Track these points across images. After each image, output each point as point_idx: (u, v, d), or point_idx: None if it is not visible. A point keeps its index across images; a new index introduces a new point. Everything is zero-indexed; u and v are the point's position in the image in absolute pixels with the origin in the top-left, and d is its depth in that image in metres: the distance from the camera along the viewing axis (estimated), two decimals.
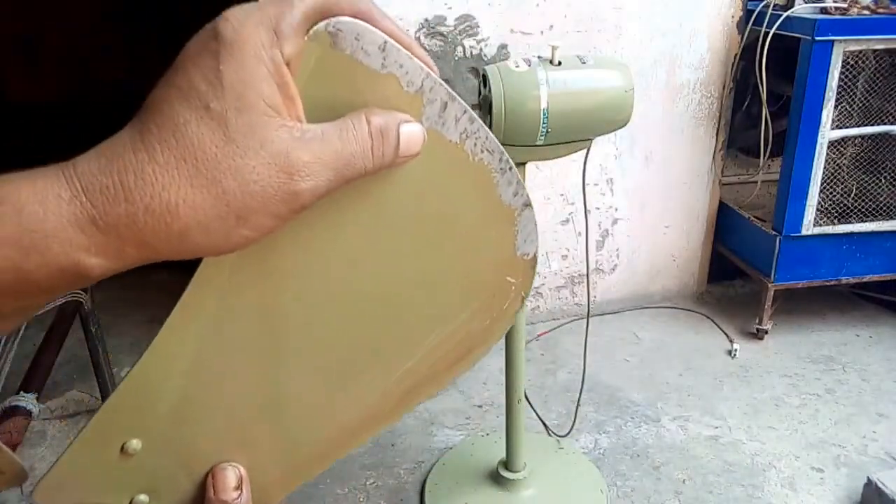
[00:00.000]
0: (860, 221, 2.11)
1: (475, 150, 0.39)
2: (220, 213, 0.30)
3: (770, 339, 2.23)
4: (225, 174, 0.30)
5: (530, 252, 0.44)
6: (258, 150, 0.30)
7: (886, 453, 1.74)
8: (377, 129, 0.34)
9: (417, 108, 0.37)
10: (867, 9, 1.92)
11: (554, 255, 2.31)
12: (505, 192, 0.41)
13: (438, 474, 1.69)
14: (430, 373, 0.46)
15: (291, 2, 0.32)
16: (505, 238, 0.43)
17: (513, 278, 0.45)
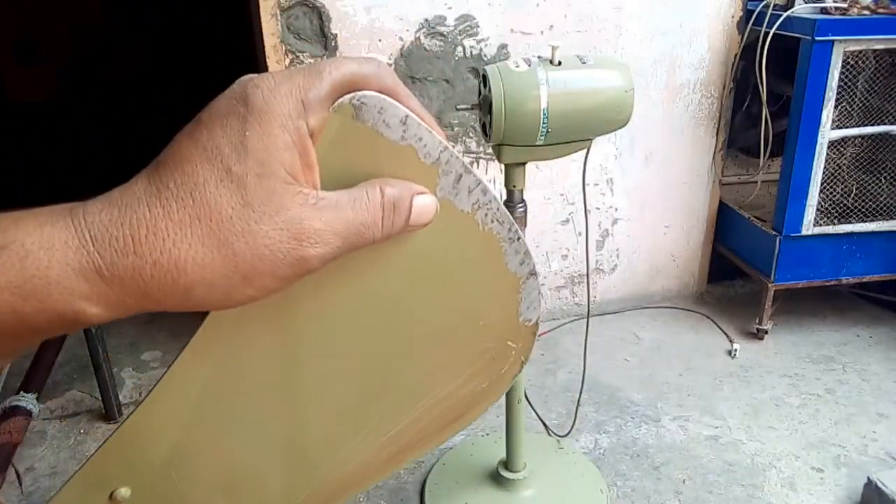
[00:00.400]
0: (860, 221, 2.11)
1: (485, 220, 0.41)
2: (228, 272, 0.31)
3: (770, 339, 2.23)
4: (237, 237, 0.30)
5: (532, 318, 0.45)
6: (273, 215, 0.31)
7: (886, 453, 1.74)
8: (390, 201, 0.35)
9: (433, 178, 0.38)
10: (867, 9, 1.92)
11: (554, 255, 2.31)
12: (512, 260, 0.42)
13: (438, 474, 1.69)
14: (424, 432, 0.47)
15: (321, 74, 0.33)
16: (509, 305, 0.44)
17: (514, 343, 0.46)
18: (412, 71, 1.95)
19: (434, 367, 0.45)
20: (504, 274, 0.43)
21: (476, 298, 0.44)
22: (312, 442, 0.45)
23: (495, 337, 0.45)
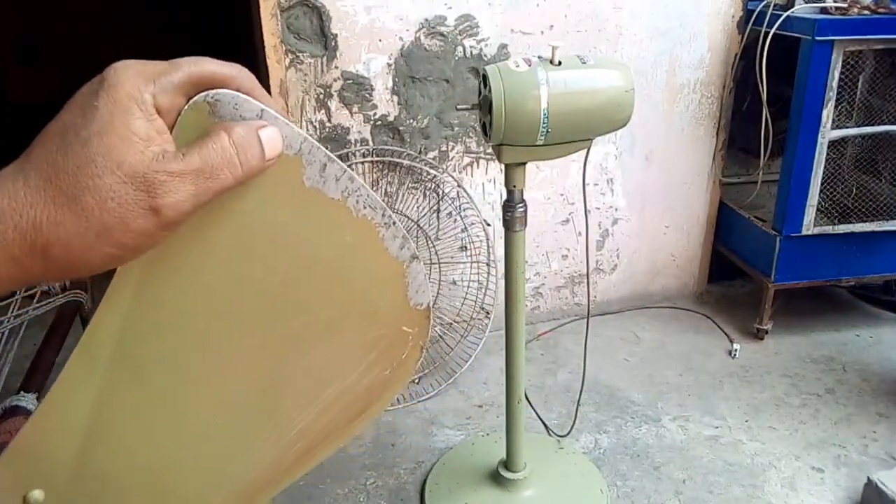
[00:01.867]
0: (860, 221, 2.11)
1: (358, 207, 0.41)
2: (80, 229, 0.32)
3: (770, 339, 2.23)
4: (84, 192, 0.32)
5: (423, 303, 0.46)
6: (115, 169, 0.33)
7: (886, 453, 1.74)
8: (238, 138, 0.36)
9: (298, 169, 0.39)
10: (867, 9, 1.92)
11: (554, 254, 2.31)
12: (391, 245, 0.43)
13: (438, 474, 1.69)
14: (332, 426, 0.46)
15: (177, 65, 0.36)
16: (396, 290, 0.45)
17: (409, 328, 0.46)
18: (412, 71, 1.95)
19: (329, 357, 0.45)
20: (385, 259, 0.43)
21: (361, 286, 0.44)
22: (216, 442, 0.44)
23: (388, 323, 0.45)
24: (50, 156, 0.33)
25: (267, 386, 0.44)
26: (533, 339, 2.26)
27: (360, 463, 1.75)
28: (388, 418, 1.90)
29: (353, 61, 1.90)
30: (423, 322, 0.46)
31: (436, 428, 1.87)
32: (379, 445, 1.81)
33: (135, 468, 0.43)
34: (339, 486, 1.67)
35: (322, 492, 1.66)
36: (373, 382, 0.46)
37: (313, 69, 1.89)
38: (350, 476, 1.70)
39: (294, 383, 0.45)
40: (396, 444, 1.81)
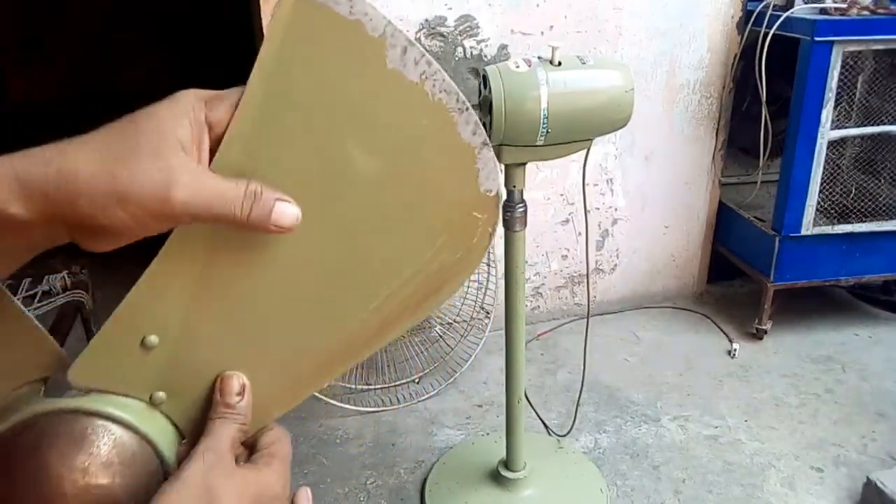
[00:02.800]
0: (859, 221, 2.11)
1: (434, 91, 0.44)
2: (107, 191, 0.39)
3: (769, 338, 2.23)
4: (122, 165, 0.39)
5: (493, 189, 0.48)
6: (154, 158, 0.39)
7: (886, 453, 1.75)
8: (251, 191, 0.42)
9: (381, 50, 0.42)
10: (866, 9, 1.92)
11: (554, 254, 2.31)
12: (464, 130, 0.45)
13: (439, 474, 1.69)
14: (405, 305, 0.50)
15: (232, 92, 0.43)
16: (467, 175, 0.47)
17: (479, 213, 0.48)
18: None
19: (404, 239, 0.48)
20: (458, 144, 0.46)
21: (434, 170, 0.47)
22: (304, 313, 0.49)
23: (458, 208, 0.48)
24: (111, 133, 0.40)
25: (348, 264, 0.48)
26: (533, 339, 2.26)
27: (361, 462, 1.75)
28: (389, 418, 1.90)
29: None
30: (493, 208, 0.48)
31: (436, 427, 1.87)
32: (379, 445, 1.81)
33: (232, 329, 0.48)
34: (340, 485, 1.68)
35: (323, 491, 1.66)
36: (444, 264, 0.49)
37: None
38: (350, 475, 1.70)
39: (372, 262, 0.48)
40: (397, 443, 1.82)
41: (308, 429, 1.86)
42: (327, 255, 0.47)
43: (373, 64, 0.42)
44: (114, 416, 0.47)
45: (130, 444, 0.47)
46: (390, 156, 0.45)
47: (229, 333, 0.48)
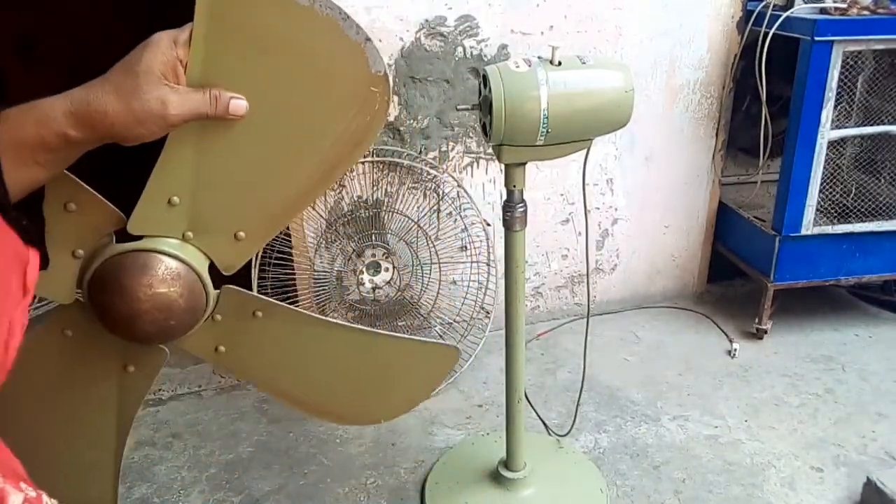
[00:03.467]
0: (859, 221, 2.11)
1: (322, 9, 0.67)
2: (129, 119, 0.65)
3: (769, 338, 2.23)
4: (134, 100, 0.65)
5: (381, 70, 0.71)
6: (152, 91, 0.66)
7: (886, 453, 1.75)
8: (213, 96, 0.69)
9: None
10: (867, 9, 1.92)
11: (554, 254, 2.31)
12: (350, 32, 0.69)
13: (439, 473, 1.69)
14: (340, 155, 0.76)
15: (185, 28, 0.69)
16: (359, 62, 0.70)
17: (375, 88, 0.72)
18: (412, 71, 1.95)
19: (326, 112, 0.73)
20: (348, 43, 0.69)
21: (337, 63, 0.70)
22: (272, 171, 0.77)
23: (361, 85, 0.71)
24: (119, 79, 0.65)
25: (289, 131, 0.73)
26: (533, 339, 2.26)
27: (361, 462, 1.75)
28: None
29: None
30: (385, 83, 0.72)
31: (436, 427, 1.87)
32: (379, 445, 1.81)
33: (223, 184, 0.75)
34: (340, 485, 1.68)
35: (322, 491, 1.66)
36: (360, 125, 0.74)
37: None
38: (350, 475, 1.70)
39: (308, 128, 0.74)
40: (397, 443, 1.82)
41: (308, 429, 1.86)
42: (273, 127, 0.72)
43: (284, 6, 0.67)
44: (160, 250, 0.76)
45: (175, 266, 0.76)
46: (304, 57, 0.69)
47: (222, 187, 0.75)
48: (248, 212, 0.78)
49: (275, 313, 0.91)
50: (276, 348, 0.94)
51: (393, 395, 1.09)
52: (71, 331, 0.85)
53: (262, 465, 1.74)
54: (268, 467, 1.74)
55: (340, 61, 0.69)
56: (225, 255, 0.80)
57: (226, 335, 0.90)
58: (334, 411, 1.10)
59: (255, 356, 0.94)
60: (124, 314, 0.76)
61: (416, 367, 1.07)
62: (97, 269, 0.75)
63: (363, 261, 1.97)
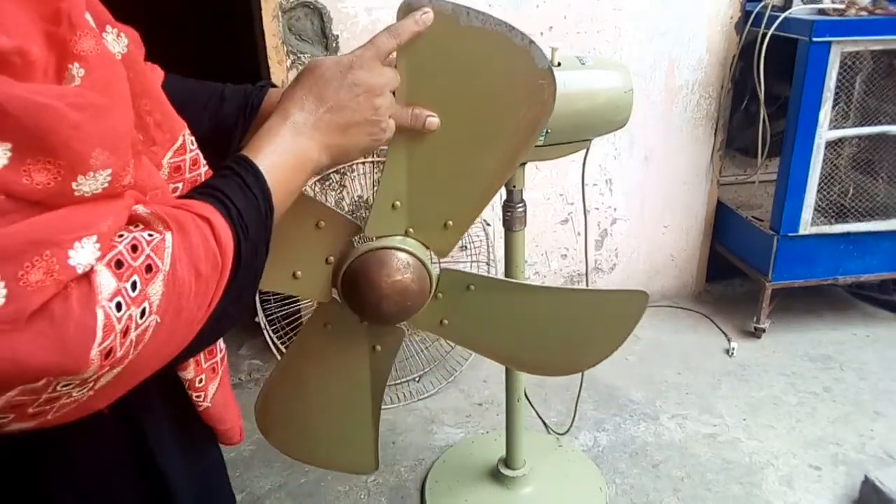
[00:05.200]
0: (857, 221, 2.12)
1: (492, 27, 0.78)
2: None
3: (768, 337, 2.24)
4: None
5: (546, 65, 0.82)
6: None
7: (884, 451, 1.75)
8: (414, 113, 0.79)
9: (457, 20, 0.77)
10: (865, 10, 1.93)
11: (553, 254, 2.32)
12: (516, 40, 0.79)
13: (439, 472, 1.70)
14: (519, 142, 0.88)
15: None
16: (527, 62, 0.81)
17: (542, 80, 0.82)
18: None
19: (507, 105, 0.84)
20: (516, 48, 0.80)
21: (510, 65, 0.81)
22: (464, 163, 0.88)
23: (531, 80, 0.82)
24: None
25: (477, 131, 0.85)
26: None
27: None
28: (389, 416, 1.91)
29: None
30: (550, 75, 0.82)
31: (436, 426, 1.88)
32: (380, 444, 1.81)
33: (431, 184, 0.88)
34: (340, 483, 1.68)
35: (323, 490, 1.67)
36: (534, 114, 0.85)
37: None
38: (351, 474, 1.71)
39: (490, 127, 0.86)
40: (397, 442, 1.82)
41: None
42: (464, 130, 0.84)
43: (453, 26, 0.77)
44: (392, 246, 0.92)
45: (405, 258, 0.93)
46: (483, 67, 0.81)
47: (430, 187, 0.88)
48: (452, 203, 0.92)
49: (485, 285, 1.09)
50: (490, 315, 1.11)
51: (594, 342, 1.28)
52: (330, 324, 1.05)
53: (263, 464, 1.75)
54: (269, 465, 1.74)
55: (512, 64, 0.81)
56: (439, 243, 0.95)
57: (447, 309, 1.07)
58: (546, 365, 1.28)
59: (474, 324, 1.11)
60: (372, 301, 0.94)
61: (612, 313, 1.25)
62: (347, 269, 0.94)
63: None
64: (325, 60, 0.67)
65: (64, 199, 0.43)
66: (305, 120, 0.64)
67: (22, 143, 0.40)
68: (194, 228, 0.49)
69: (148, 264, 0.46)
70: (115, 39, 0.53)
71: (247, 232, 0.55)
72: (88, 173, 0.43)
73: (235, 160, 0.59)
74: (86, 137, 0.42)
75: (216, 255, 0.50)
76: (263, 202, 0.58)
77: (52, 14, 0.45)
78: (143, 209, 0.49)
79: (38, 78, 0.43)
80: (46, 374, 0.41)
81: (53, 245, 0.41)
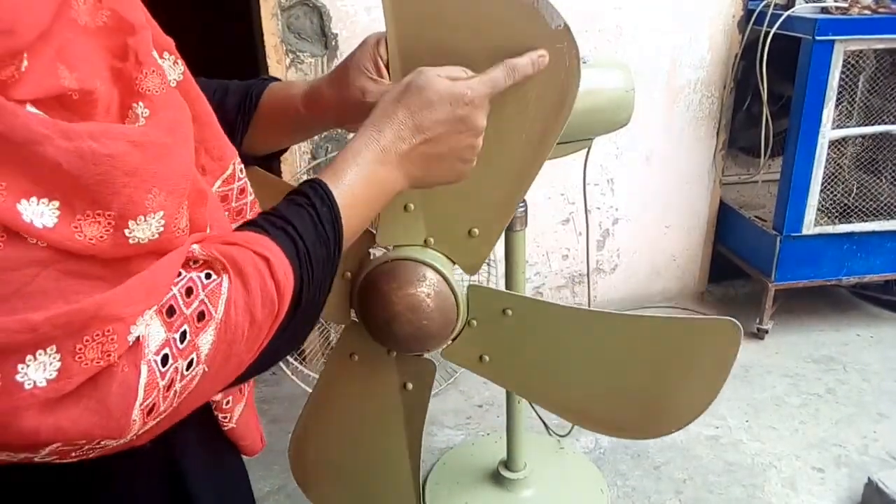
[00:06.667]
0: (861, 221, 2.11)
1: None
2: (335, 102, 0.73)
3: (770, 338, 2.23)
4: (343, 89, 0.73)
5: (561, 23, 0.69)
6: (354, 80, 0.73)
7: (887, 453, 1.74)
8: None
9: None
10: (868, 8, 1.92)
11: (554, 254, 2.31)
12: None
13: (439, 474, 1.69)
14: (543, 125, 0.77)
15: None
16: (536, 22, 0.67)
17: (559, 44, 0.69)
18: None
19: None
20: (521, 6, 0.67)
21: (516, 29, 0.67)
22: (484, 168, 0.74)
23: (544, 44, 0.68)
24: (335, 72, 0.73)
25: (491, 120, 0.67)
26: None
27: None
28: None
29: None
30: (568, 35, 0.69)
31: (436, 428, 1.87)
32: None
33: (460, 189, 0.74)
34: None
35: None
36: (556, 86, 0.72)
37: (314, 69, 1.89)
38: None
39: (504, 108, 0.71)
40: None
41: None
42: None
43: None
44: (405, 256, 0.82)
45: (421, 269, 0.82)
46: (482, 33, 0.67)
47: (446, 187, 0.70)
48: (474, 206, 0.82)
49: (525, 309, 0.89)
50: (540, 350, 0.89)
51: (687, 391, 0.92)
52: (357, 354, 0.94)
53: (262, 466, 1.74)
54: (268, 468, 1.73)
55: (518, 27, 0.67)
56: (465, 255, 0.84)
57: (486, 342, 0.90)
58: (628, 425, 0.97)
59: (520, 362, 0.90)
60: (383, 319, 0.83)
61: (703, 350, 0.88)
62: (360, 285, 0.85)
63: None
64: (436, 82, 0.60)
65: (119, 249, 0.41)
66: (398, 149, 0.58)
67: (72, 198, 0.38)
68: (253, 271, 0.46)
69: (201, 311, 0.44)
70: (172, 66, 0.52)
71: (311, 273, 0.51)
72: (139, 217, 0.41)
73: (312, 185, 0.54)
74: (140, 182, 0.41)
75: (273, 300, 0.47)
76: (334, 239, 0.54)
77: (120, 48, 0.43)
78: (200, 250, 0.46)
79: (100, 115, 0.41)
80: (88, 439, 0.40)
81: (116, 321, 0.39)
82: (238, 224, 0.54)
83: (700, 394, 0.92)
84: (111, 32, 0.44)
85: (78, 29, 0.42)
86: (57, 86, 0.39)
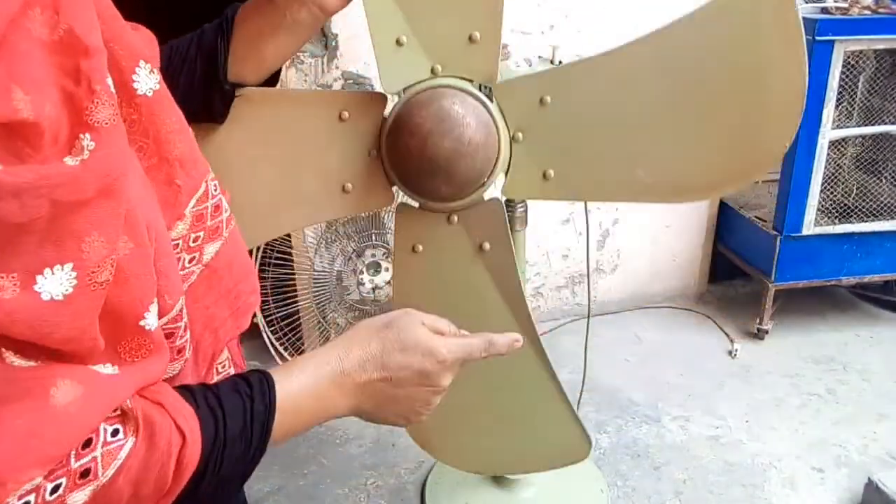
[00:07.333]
0: (861, 221, 2.11)
1: None
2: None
3: (771, 339, 2.23)
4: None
5: None
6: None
7: (887, 453, 1.74)
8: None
9: None
10: (868, 9, 1.92)
11: (554, 254, 2.31)
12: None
13: (439, 474, 1.69)
14: None
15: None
16: None
17: None
18: None
19: None
20: None
21: None
22: None
23: None
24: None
25: None
26: None
27: (361, 463, 1.75)
28: None
29: (353, 61, 1.90)
30: None
31: None
32: (380, 445, 1.81)
33: None
34: (340, 486, 1.67)
35: (323, 492, 1.66)
36: None
37: (314, 69, 1.89)
38: (351, 476, 1.70)
39: None
40: (397, 444, 1.81)
41: None
42: None
43: None
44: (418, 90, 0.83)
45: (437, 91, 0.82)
46: None
47: None
48: (465, 8, 0.80)
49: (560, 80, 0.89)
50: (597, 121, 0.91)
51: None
52: (419, 243, 0.91)
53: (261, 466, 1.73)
54: (267, 468, 1.73)
55: None
56: (475, 64, 0.81)
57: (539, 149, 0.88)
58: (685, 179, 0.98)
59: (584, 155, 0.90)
60: (417, 149, 0.81)
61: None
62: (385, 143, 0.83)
63: (363, 261, 1.97)
64: (416, 330, 0.59)
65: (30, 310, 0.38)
66: (357, 377, 0.57)
67: None
68: (164, 445, 0.45)
69: (88, 468, 0.41)
70: (148, 75, 0.50)
71: (219, 466, 0.50)
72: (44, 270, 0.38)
73: (260, 379, 0.54)
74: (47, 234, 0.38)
75: (167, 481, 0.46)
76: (258, 442, 0.53)
77: (73, 69, 0.41)
78: (129, 401, 0.44)
79: (47, 145, 0.39)
80: None
81: None
82: None
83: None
84: (65, 49, 0.41)
85: (32, 40, 0.39)
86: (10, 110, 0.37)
